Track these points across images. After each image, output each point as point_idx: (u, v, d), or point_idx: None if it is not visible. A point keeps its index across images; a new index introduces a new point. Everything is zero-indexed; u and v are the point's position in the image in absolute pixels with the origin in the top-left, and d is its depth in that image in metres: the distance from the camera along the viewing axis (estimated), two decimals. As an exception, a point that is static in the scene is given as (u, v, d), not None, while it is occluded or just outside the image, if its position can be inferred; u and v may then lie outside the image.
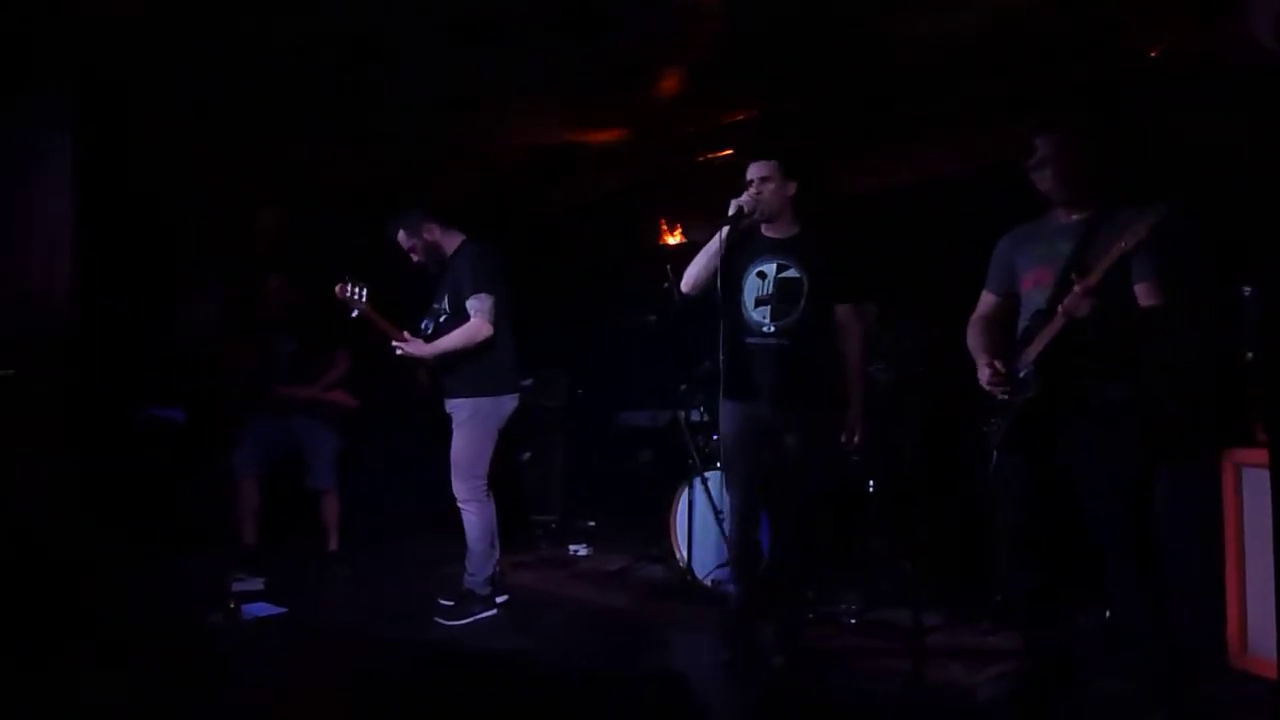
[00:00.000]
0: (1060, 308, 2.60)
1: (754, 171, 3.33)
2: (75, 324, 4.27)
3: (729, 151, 5.72)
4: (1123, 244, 2.45)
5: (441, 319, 4.04)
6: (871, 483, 4.23)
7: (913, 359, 4.15)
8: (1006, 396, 2.80)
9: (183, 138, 5.34)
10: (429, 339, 4.01)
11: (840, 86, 4.80)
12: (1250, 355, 3.25)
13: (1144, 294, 2.64)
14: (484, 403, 3.98)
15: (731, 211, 3.25)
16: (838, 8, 3.98)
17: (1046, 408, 2.72)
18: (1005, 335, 2.92)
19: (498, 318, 3.93)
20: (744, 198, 3.28)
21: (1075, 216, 2.79)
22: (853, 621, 3.88)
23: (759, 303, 3.30)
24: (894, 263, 4.44)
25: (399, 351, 3.96)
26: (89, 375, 4.48)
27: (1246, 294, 3.27)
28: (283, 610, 4.08)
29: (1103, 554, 2.68)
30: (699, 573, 4.30)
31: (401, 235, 4.09)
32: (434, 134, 5.47)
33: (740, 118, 5.41)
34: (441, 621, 3.93)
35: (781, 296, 3.27)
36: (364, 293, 3.96)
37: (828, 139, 5.26)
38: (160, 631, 3.84)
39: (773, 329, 3.26)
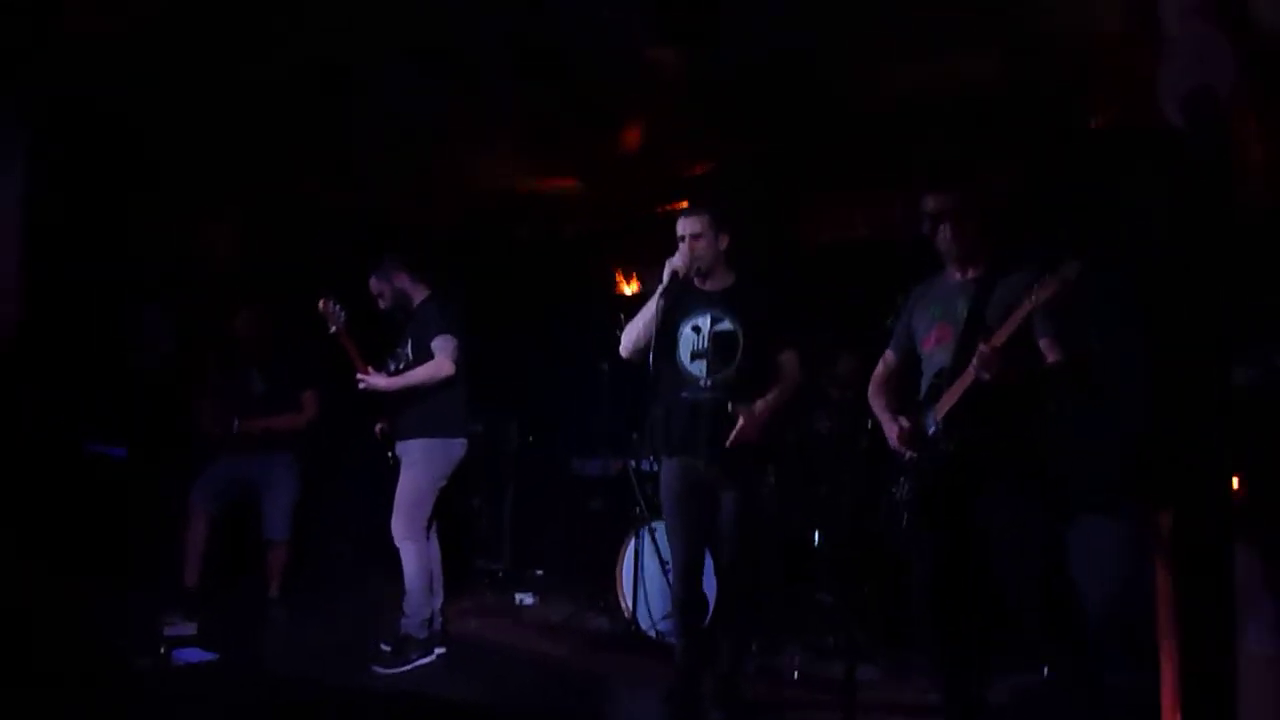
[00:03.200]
0: (971, 366, 2.62)
1: (684, 227, 3.29)
2: (20, 351, 4.19)
3: (685, 204, 5.80)
4: (1030, 301, 2.51)
5: (402, 364, 4.10)
6: (817, 535, 4.26)
7: (858, 411, 4.20)
8: (913, 455, 2.83)
9: (141, 163, 5.29)
10: None
11: (797, 141, 4.91)
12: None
13: (1048, 349, 2.67)
14: (435, 444, 4.02)
15: (666, 276, 3.23)
16: (796, 64, 4.09)
17: (954, 467, 2.73)
18: (905, 395, 2.97)
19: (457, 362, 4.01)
20: (676, 259, 3.24)
21: (970, 274, 2.84)
22: (795, 675, 3.87)
23: (694, 357, 3.28)
24: (852, 316, 4.52)
25: (361, 385, 4.01)
26: (32, 404, 4.38)
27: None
28: (214, 656, 3.97)
29: (1014, 610, 2.69)
30: (644, 624, 4.27)
31: (373, 280, 4.19)
32: (395, 171, 5.49)
33: (698, 171, 5.52)
34: (379, 670, 3.86)
35: (717, 351, 3.24)
36: (343, 314, 4.07)
37: (784, 191, 5.36)
38: (86, 675, 3.72)
39: (709, 384, 3.23)
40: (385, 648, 3.95)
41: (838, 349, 4.58)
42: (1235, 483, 2.42)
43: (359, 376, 4.02)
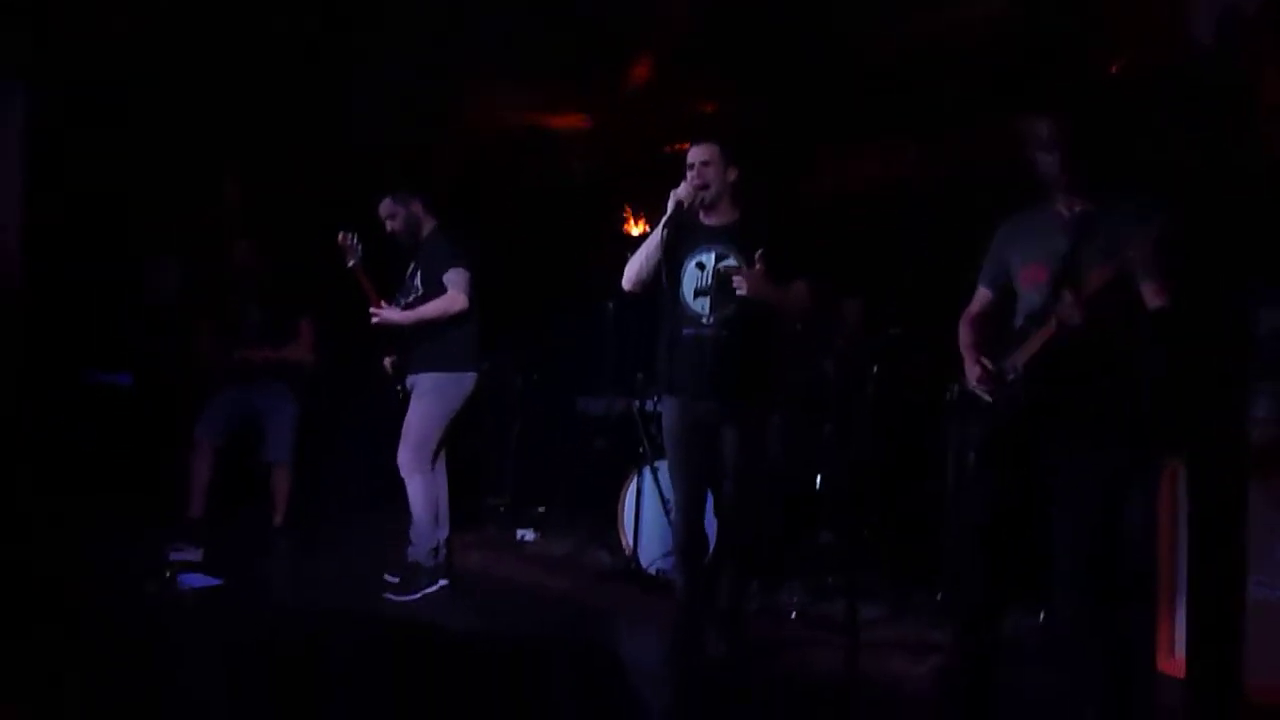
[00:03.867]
0: (1054, 315, 2.48)
1: (694, 155, 3.22)
2: (25, 287, 4.18)
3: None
4: (1128, 253, 2.33)
5: (413, 297, 4.09)
6: (819, 477, 4.27)
7: (865, 356, 4.18)
8: (990, 398, 2.70)
9: (144, 103, 5.23)
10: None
11: (807, 84, 4.82)
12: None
13: (1151, 294, 2.46)
14: (445, 378, 4.04)
15: (670, 206, 3.17)
16: (809, 6, 4.00)
17: (1029, 417, 2.62)
18: (997, 332, 2.79)
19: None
20: (681, 189, 3.17)
21: (1075, 209, 2.62)
22: (794, 614, 3.90)
23: (698, 294, 3.23)
24: (863, 262, 4.48)
25: (375, 319, 3.99)
26: (39, 338, 4.38)
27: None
28: (219, 582, 4.02)
29: (1054, 558, 2.60)
30: (644, 561, 4.30)
31: (387, 202, 4.13)
32: (402, 108, 5.41)
33: (710, 109, 5.42)
34: (391, 597, 3.94)
35: (721, 287, 3.18)
36: (360, 247, 4.05)
37: (793, 134, 5.27)
38: (93, 598, 3.76)
39: (712, 320, 3.19)
40: (391, 578, 4.01)
41: (843, 296, 4.54)
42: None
43: (373, 311, 4.00)
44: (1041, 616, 3.62)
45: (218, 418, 4.70)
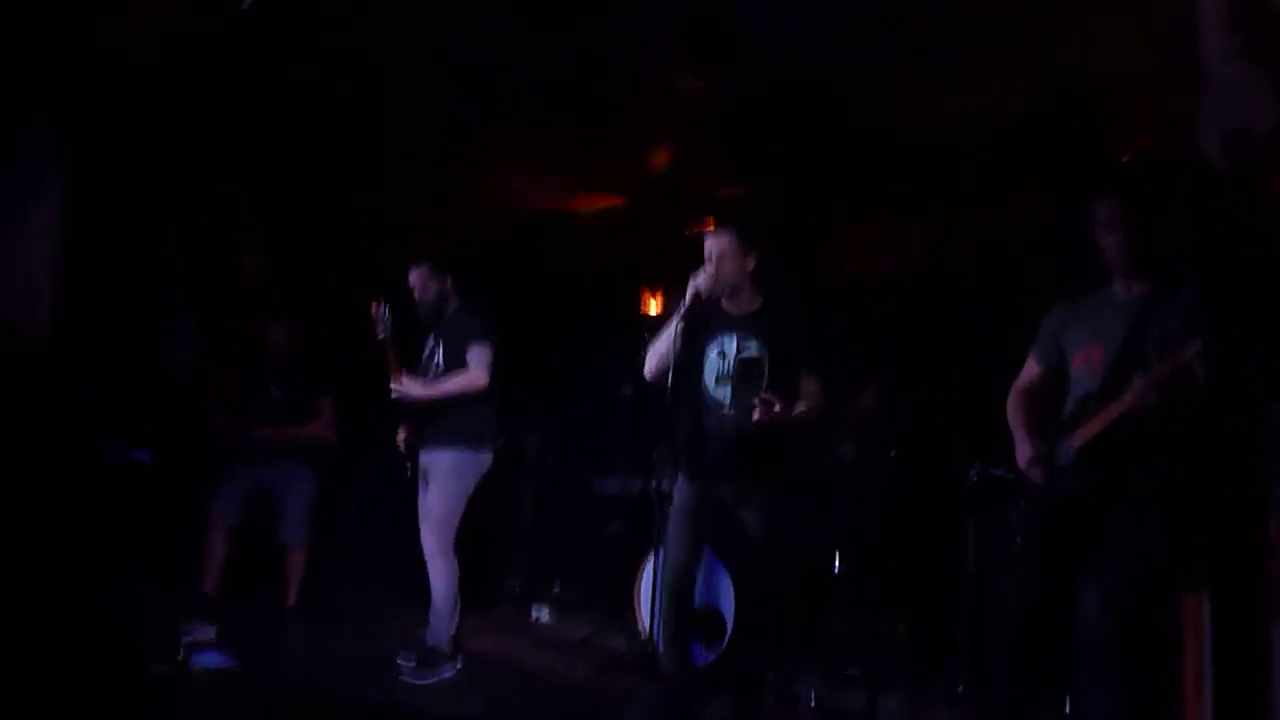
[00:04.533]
0: (1126, 400, 2.43)
1: (710, 246, 3.23)
2: (53, 355, 4.24)
3: (710, 223, 5.82)
4: (1196, 341, 2.29)
5: (433, 374, 4.10)
6: (838, 563, 4.23)
7: (882, 440, 4.18)
8: (1040, 480, 2.64)
9: (171, 177, 5.38)
10: None
11: (824, 169, 4.90)
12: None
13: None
14: (465, 457, 4.01)
15: (688, 296, 3.17)
16: (830, 91, 4.10)
17: (1082, 503, 2.56)
18: (1045, 411, 2.76)
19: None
20: (700, 280, 3.17)
21: (1134, 291, 2.61)
22: (813, 704, 3.83)
23: (719, 381, 3.23)
24: (879, 347, 4.50)
25: (395, 393, 3.98)
26: (65, 411, 4.42)
27: None
28: (233, 662, 3.98)
29: (1083, 642, 2.53)
30: (661, 645, 4.24)
31: (422, 273, 4.14)
32: (426, 190, 5.54)
33: (728, 192, 5.53)
34: (408, 680, 3.89)
35: (742, 376, 3.18)
36: (390, 319, 4.06)
37: (811, 219, 5.35)
38: (105, 678, 3.73)
39: (733, 410, 3.17)
40: (404, 662, 3.96)
41: (862, 379, 4.56)
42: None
43: (394, 383, 3.98)
44: (1068, 707, 3.54)
45: (235, 496, 4.68)
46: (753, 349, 3.20)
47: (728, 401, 3.19)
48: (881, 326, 4.77)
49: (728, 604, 4.09)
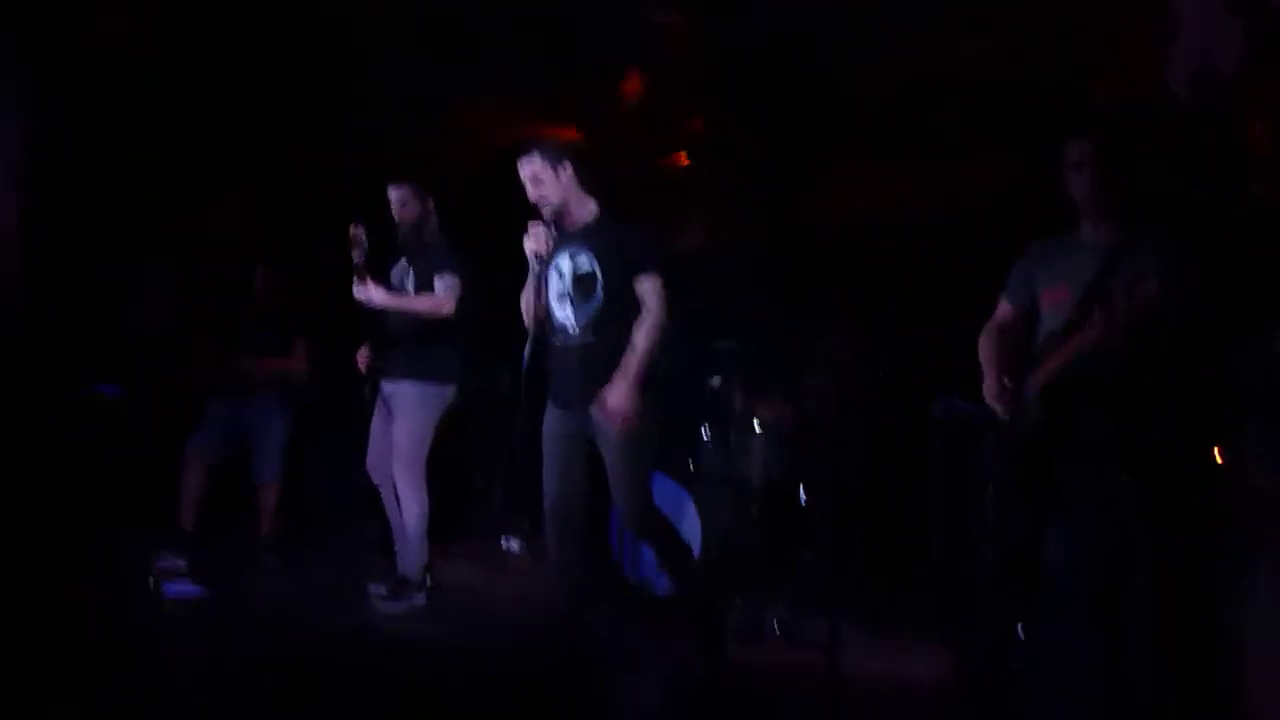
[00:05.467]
0: (1086, 334, 2.49)
1: (523, 173, 3.13)
2: (21, 299, 4.16)
3: (690, 166, 5.80)
4: (1157, 282, 2.34)
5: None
6: (803, 492, 4.32)
7: (852, 372, 4.23)
8: (1007, 416, 2.69)
9: (143, 123, 5.22)
10: None
11: (803, 115, 4.86)
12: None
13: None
14: (430, 390, 4.01)
15: (530, 260, 3.12)
16: (802, 39, 4.05)
17: (1043, 439, 2.62)
18: (1017, 349, 2.79)
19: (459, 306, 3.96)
20: (528, 242, 3.10)
21: (1103, 234, 2.66)
22: (776, 633, 3.93)
23: (560, 300, 3.17)
24: (853, 287, 4.52)
25: (357, 294, 3.88)
26: (36, 348, 4.35)
27: None
28: (203, 590, 4.02)
29: (1049, 575, 2.63)
30: (629, 572, 4.33)
31: (405, 191, 4.03)
32: (400, 132, 5.43)
33: (708, 136, 5.48)
34: (379, 606, 3.94)
35: (579, 293, 3.12)
36: (366, 244, 3.92)
37: (791, 167, 5.32)
38: (81, 606, 3.75)
39: (575, 330, 3.14)
40: (376, 590, 4.01)
41: (837, 327, 4.60)
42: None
43: (356, 285, 3.87)
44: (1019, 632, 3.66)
45: (210, 435, 4.67)
46: (584, 263, 3.13)
47: (570, 322, 3.15)
48: (856, 267, 4.79)
49: (693, 533, 4.19)
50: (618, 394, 2.96)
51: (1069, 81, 4.06)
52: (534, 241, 3.10)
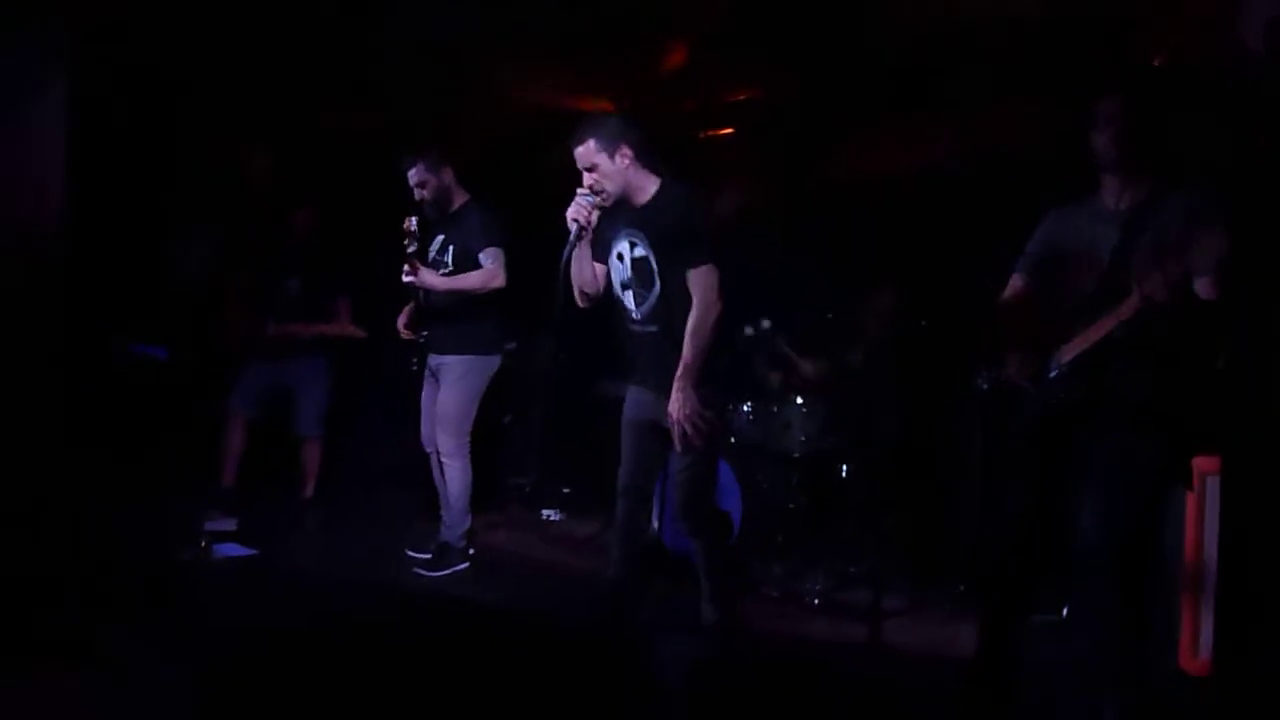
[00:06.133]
0: (1120, 312, 2.39)
1: (579, 160, 2.99)
2: (66, 257, 4.23)
3: (729, 130, 5.72)
4: (1188, 248, 2.23)
5: (442, 272, 4.03)
6: (845, 466, 4.29)
7: (890, 345, 4.18)
8: (1033, 389, 2.63)
9: (180, 78, 5.27)
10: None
11: (839, 69, 4.77)
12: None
13: (1205, 289, 2.34)
14: (478, 360, 4.05)
15: (573, 232, 2.97)
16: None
17: (1070, 414, 2.56)
18: (1036, 324, 2.69)
19: None
20: (571, 208, 2.95)
21: (1125, 201, 2.55)
22: (816, 601, 3.93)
23: (624, 288, 3.09)
24: (894, 250, 4.45)
25: (408, 279, 3.90)
26: (78, 308, 4.43)
27: None
28: (254, 552, 4.11)
29: (1080, 549, 2.57)
30: (668, 541, 4.34)
31: (420, 168, 3.99)
32: (430, 86, 5.42)
33: (742, 96, 5.40)
34: (421, 572, 4.02)
35: (639, 279, 3.04)
36: (419, 234, 3.91)
37: (828, 119, 5.23)
38: (130, 566, 3.85)
39: (639, 316, 3.07)
40: (422, 555, 4.10)
41: (877, 281, 4.53)
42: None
43: (407, 270, 3.88)
44: (1065, 612, 3.62)
45: (251, 389, 4.72)
46: (640, 248, 3.02)
47: (634, 307, 3.08)
48: (893, 230, 4.71)
49: (735, 505, 4.18)
50: (676, 401, 2.90)
51: (1115, 28, 3.93)
52: (575, 209, 2.96)
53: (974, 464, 3.98)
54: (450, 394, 4.03)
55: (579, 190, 2.98)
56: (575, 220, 2.96)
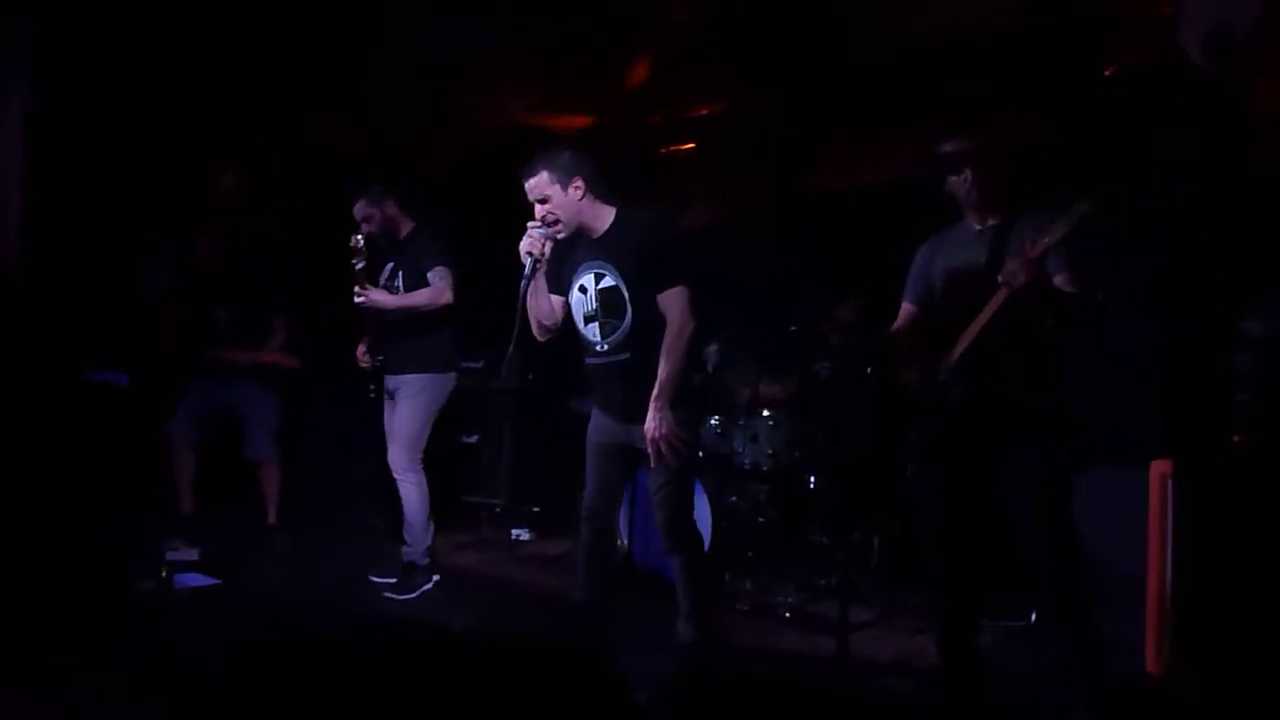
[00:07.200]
0: (1000, 278, 2.58)
1: (530, 191, 2.96)
2: (23, 282, 4.15)
3: (692, 145, 5.76)
4: (1048, 237, 2.48)
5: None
6: (813, 478, 4.30)
7: (857, 357, 4.20)
8: (929, 399, 2.80)
9: (142, 99, 5.21)
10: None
11: (807, 83, 4.82)
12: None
13: (1063, 283, 2.63)
14: (431, 379, 4.09)
15: (527, 266, 2.93)
16: (815, 3, 4.02)
17: (966, 413, 2.72)
18: (925, 343, 2.90)
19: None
20: (524, 242, 2.91)
21: (989, 222, 2.80)
22: (787, 614, 3.93)
23: (587, 320, 3.05)
24: (862, 262, 4.48)
25: (359, 300, 3.93)
26: (39, 332, 4.35)
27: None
28: (216, 581, 4.03)
29: (1025, 560, 2.71)
30: (639, 559, 4.32)
31: (362, 204, 4.11)
32: (401, 104, 5.40)
33: (706, 111, 5.44)
34: (391, 596, 4.01)
35: (606, 311, 2.99)
36: (366, 252, 3.98)
37: (793, 135, 5.28)
38: (92, 596, 3.77)
39: (605, 347, 3.02)
40: (385, 579, 4.08)
41: (840, 294, 4.56)
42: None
43: (357, 290, 3.92)
44: (1033, 617, 3.65)
45: (190, 414, 4.67)
46: (609, 278, 2.98)
47: (598, 339, 3.03)
48: (860, 242, 4.75)
49: (705, 521, 4.17)
50: (653, 421, 2.87)
51: (1081, 42, 4.03)
52: (528, 241, 2.93)
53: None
54: (404, 410, 4.06)
55: (529, 223, 2.95)
56: (529, 253, 2.93)
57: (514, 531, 5.51)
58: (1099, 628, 2.67)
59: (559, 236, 2.97)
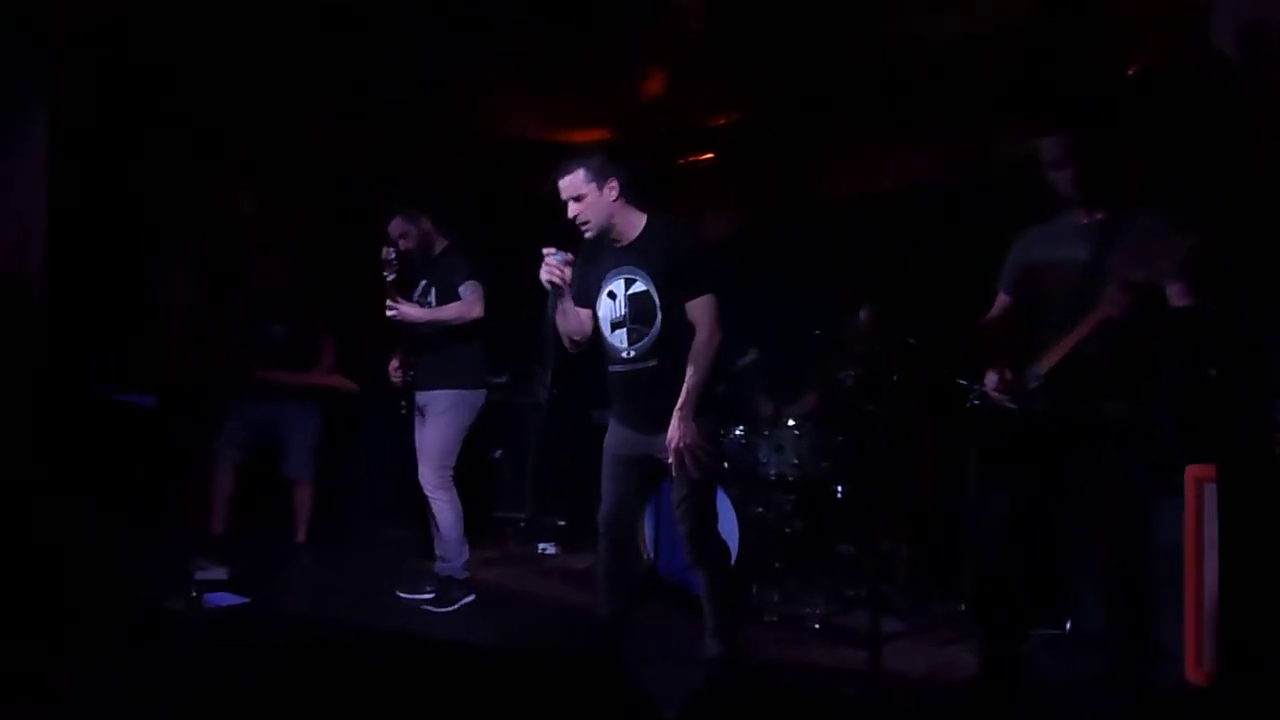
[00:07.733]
0: (1091, 321, 2.46)
1: (564, 190, 2.96)
2: (49, 303, 4.20)
3: (709, 155, 5.75)
4: (1158, 257, 2.32)
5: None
6: (840, 488, 4.26)
7: (884, 364, 4.17)
8: (1012, 406, 2.67)
9: (161, 117, 5.28)
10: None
11: (820, 91, 4.81)
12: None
13: (1176, 295, 2.45)
14: (460, 395, 4.10)
15: (550, 292, 2.96)
16: (824, 10, 4.01)
17: (1051, 426, 2.60)
18: (1016, 340, 2.76)
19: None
20: (543, 272, 2.91)
21: (1095, 216, 2.64)
22: (816, 626, 3.89)
23: (614, 326, 3.02)
24: (878, 268, 4.46)
25: (391, 313, 3.97)
26: (62, 355, 4.40)
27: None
28: (245, 600, 4.05)
29: (1080, 566, 2.65)
30: (664, 572, 4.30)
31: (398, 222, 4.16)
32: (416, 119, 5.44)
33: (721, 121, 5.44)
34: (431, 609, 4.04)
35: (636, 316, 2.97)
36: (397, 264, 4.04)
37: (806, 143, 5.27)
38: (120, 616, 3.79)
39: (632, 354, 2.99)
40: (407, 596, 4.13)
41: (860, 301, 4.54)
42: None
43: (389, 304, 3.96)
44: (1068, 626, 3.59)
45: (237, 434, 4.69)
46: (639, 283, 2.97)
47: (625, 346, 3.01)
48: (881, 247, 4.72)
49: (732, 532, 4.15)
50: (677, 431, 2.86)
51: (1097, 43, 3.98)
52: (548, 272, 2.93)
53: (968, 481, 3.96)
54: (436, 427, 4.06)
55: (545, 250, 2.95)
56: (549, 281, 2.95)
57: (540, 546, 5.50)
58: (1149, 642, 2.60)
59: (587, 235, 2.99)
